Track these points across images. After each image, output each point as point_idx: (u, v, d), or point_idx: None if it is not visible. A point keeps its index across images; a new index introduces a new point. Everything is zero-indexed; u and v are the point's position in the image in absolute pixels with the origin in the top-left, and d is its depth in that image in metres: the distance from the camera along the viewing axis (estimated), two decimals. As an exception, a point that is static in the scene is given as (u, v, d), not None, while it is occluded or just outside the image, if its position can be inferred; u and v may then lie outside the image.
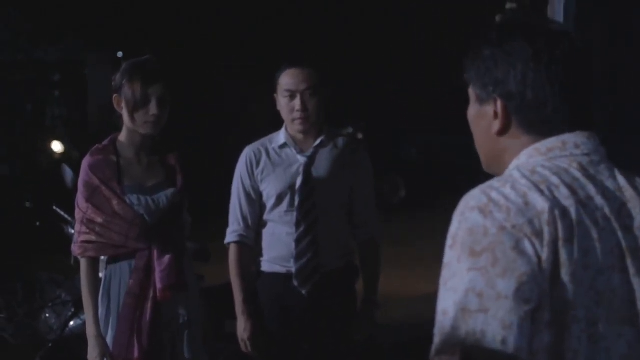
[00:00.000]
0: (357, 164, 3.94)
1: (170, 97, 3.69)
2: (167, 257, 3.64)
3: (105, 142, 3.74)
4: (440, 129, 14.04)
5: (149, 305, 3.63)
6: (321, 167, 3.86)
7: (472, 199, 1.63)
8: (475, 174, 1.81)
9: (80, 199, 3.68)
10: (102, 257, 3.77)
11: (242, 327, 3.84)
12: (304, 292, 3.80)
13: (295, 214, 3.80)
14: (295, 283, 3.80)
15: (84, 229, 3.66)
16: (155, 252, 3.64)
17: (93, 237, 3.64)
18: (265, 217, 3.87)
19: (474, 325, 1.52)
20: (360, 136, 12.59)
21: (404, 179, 13.67)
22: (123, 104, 3.65)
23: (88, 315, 3.65)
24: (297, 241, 3.80)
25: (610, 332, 1.61)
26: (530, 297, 1.53)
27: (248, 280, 3.89)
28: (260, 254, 3.91)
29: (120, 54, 13.50)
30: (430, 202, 12.97)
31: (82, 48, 14.30)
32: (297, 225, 3.80)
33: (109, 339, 3.66)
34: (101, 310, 3.68)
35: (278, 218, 3.84)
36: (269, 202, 3.84)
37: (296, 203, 3.80)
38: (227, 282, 3.99)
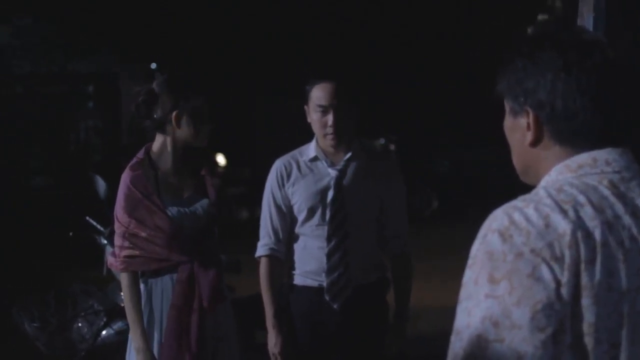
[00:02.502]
0: (388, 176, 3.91)
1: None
2: (212, 269, 3.66)
3: (140, 155, 3.74)
4: (472, 143, 14.01)
5: (195, 317, 3.65)
6: (352, 181, 3.84)
7: (495, 220, 1.62)
8: (506, 187, 1.80)
9: (120, 213, 3.67)
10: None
11: (272, 341, 3.84)
12: (335, 306, 3.79)
13: (326, 227, 3.79)
14: (327, 297, 3.78)
15: (126, 243, 3.66)
16: (197, 265, 3.66)
17: (137, 252, 3.65)
18: (297, 230, 3.86)
19: (491, 355, 1.52)
20: (392, 147, 12.57)
21: (436, 191, 13.64)
22: (185, 119, 3.67)
23: (135, 330, 3.63)
24: (329, 255, 3.78)
25: (635, 354, 1.59)
26: (546, 325, 1.52)
27: (279, 293, 3.89)
28: (293, 267, 3.90)
29: (153, 66, 13.60)
30: (462, 215, 12.92)
31: (115, 60, 14.40)
32: (329, 239, 3.78)
33: (155, 352, 3.67)
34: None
35: (309, 232, 3.83)
36: (300, 216, 3.83)
37: (327, 217, 3.79)
38: (257, 293, 4.00)
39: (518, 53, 1.75)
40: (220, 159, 13.99)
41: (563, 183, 1.67)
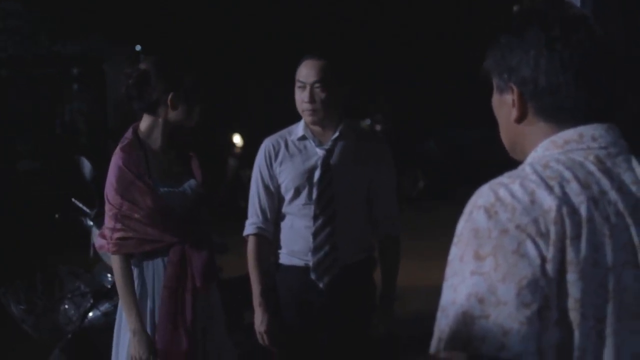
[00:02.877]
0: (377, 157, 3.91)
1: None
2: (204, 250, 3.67)
3: (128, 136, 3.72)
4: (459, 123, 14.02)
5: (189, 297, 3.65)
6: (340, 160, 3.84)
7: (480, 196, 1.62)
8: (492, 167, 1.81)
9: (112, 195, 3.65)
10: None
11: (259, 320, 3.85)
12: (321, 285, 3.80)
13: (313, 207, 3.80)
14: (313, 276, 3.79)
15: (119, 225, 3.64)
16: (188, 245, 3.66)
17: (130, 234, 3.64)
18: (284, 209, 3.87)
19: (477, 331, 1.53)
20: (378, 128, 12.56)
21: (422, 172, 13.66)
22: (181, 99, 3.66)
23: (129, 312, 3.62)
24: (315, 234, 3.79)
25: (621, 329, 1.59)
26: (532, 301, 1.52)
27: (266, 272, 3.90)
28: (280, 247, 3.91)
29: (138, 48, 13.55)
30: (449, 195, 12.96)
31: (100, 43, 14.34)
32: (315, 218, 3.79)
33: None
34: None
35: (296, 211, 3.83)
36: (287, 195, 3.84)
37: (314, 196, 3.79)
38: (245, 274, 4.00)
39: (504, 30, 1.76)
40: (237, 140, 13.85)
41: (549, 159, 1.67)
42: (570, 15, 1.73)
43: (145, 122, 3.71)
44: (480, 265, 1.56)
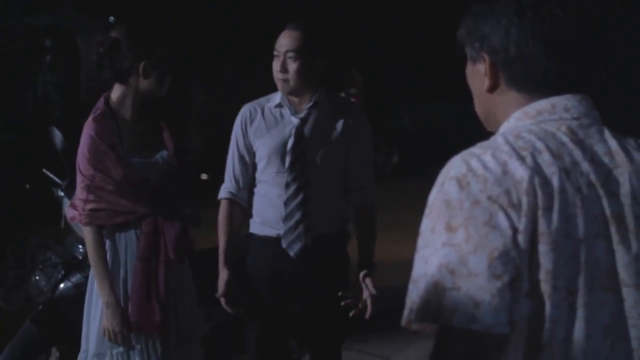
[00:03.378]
0: (353, 127, 3.89)
1: None
2: (176, 222, 3.65)
3: (101, 106, 3.67)
4: (434, 98, 14.02)
5: (162, 269, 3.63)
6: (314, 129, 3.83)
7: (452, 167, 1.62)
8: (467, 142, 1.80)
9: (84, 167, 3.61)
10: None
11: (221, 281, 3.85)
12: (292, 254, 3.79)
13: (285, 175, 3.79)
14: (284, 244, 3.79)
15: (91, 197, 3.60)
16: (160, 217, 3.63)
17: (102, 205, 3.60)
18: (258, 177, 3.86)
19: (448, 302, 1.53)
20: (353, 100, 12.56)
21: (397, 146, 13.66)
22: (153, 69, 3.62)
23: (102, 284, 3.61)
24: (286, 203, 3.79)
25: (592, 301, 1.60)
26: (503, 272, 1.53)
27: (235, 237, 3.89)
28: (252, 215, 3.91)
29: (111, 19, 13.43)
30: (423, 170, 12.95)
31: (72, 14, 14.19)
32: (287, 186, 3.78)
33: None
34: None
35: (270, 179, 3.82)
36: (261, 162, 3.83)
37: (287, 164, 3.78)
38: (216, 247, 3.99)
39: (479, 0, 1.75)
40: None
41: (521, 130, 1.67)
42: None
43: (116, 92, 3.67)
44: (452, 236, 1.56)
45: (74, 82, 14.03)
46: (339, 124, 3.86)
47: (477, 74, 1.77)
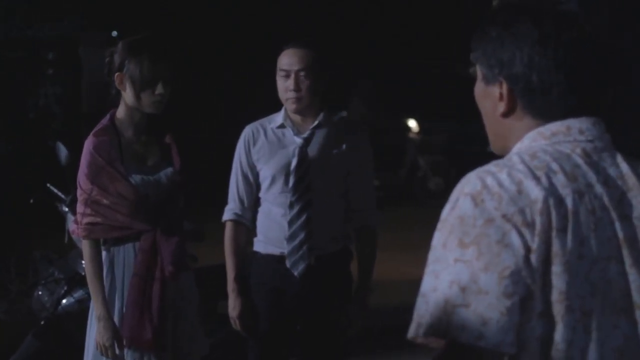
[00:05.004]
0: (355, 146, 3.91)
1: (174, 77, 3.65)
2: (174, 238, 3.64)
3: (105, 122, 3.69)
4: (442, 116, 14.00)
5: (157, 285, 3.63)
6: (317, 149, 3.84)
7: (468, 184, 1.62)
8: (475, 161, 1.80)
9: (83, 180, 3.63)
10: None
11: (232, 305, 3.86)
12: (296, 274, 3.79)
13: (289, 195, 3.79)
14: (288, 264, 3.79)
15: (88, 210, 3.61)
16: (159, 233, 3.63)
17: (98, 219, 3.61)
18: (262, 196, 3.87)
19: (457, 319, 1.53)
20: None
21: (403, 164, 13.62)
22: (127, 83, 3.60)
23: (96, 298, 3.61)
24: (290, 222, 3.79)
25: (605, 324, 1.60)
26: (513, 292, 1.53)
27: (242, 259, 3.89)
28: (256, 234, 3.91)
29: (114, 34, 13.44)
30: (429, 189, 12.97)
31: (76, 27, 14.21)
32: (291, 206, 3.79)
33: (116, 321, 3.65)
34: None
35: (273, 199, 3.83)
36: (265, 183, 3.84)
37: (290, 184, 3.79)
38: (220, 263, 3.99)
39: (494, 23, 1.75)
40: (413, 124, 13.66)
41: (537, 149, 1.68)
42: (561, 12, 1.73)
43: (121, 108, 3.69)
44: (464, 252, 1.56)
45: (75, 95, 14.04)
46: (342, 145, 3.88)
47: (490, 97, 1.77)
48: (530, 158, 1.65)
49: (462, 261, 1.56)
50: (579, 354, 1.58)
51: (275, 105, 3.96)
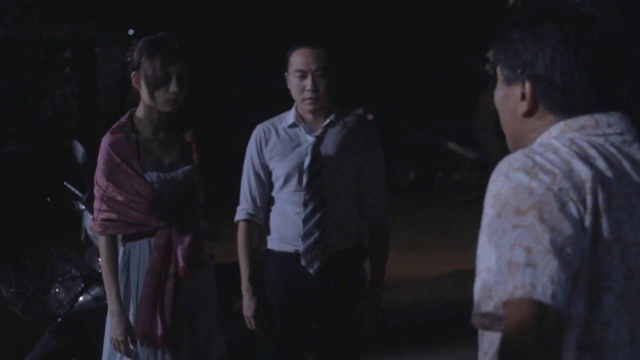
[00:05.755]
0: (367, 145, 3.93)
1: (189, 75, 3.68)
2: (188, 235, 3.66)
3: (123, 119, 3.74)
4: (452, 115, 13.99)
5: (170, 283, 3.66)
6: (330, 147, 3.86)
7: (516, 160, 1.63)
8: (484, 160, 1.81)
9: (99, 177, 3.68)
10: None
11: (246, 305, 3.88)
12: (311, 271, 3.81)
13: (303, 193, 3.81)
14: (303, 262, 3.81)
15: (104, 206, 3.66)
16: (174, 230, 3.66)
17: (114, 215, 3.66)
18: (275, 195, 3.89)
19: (522, 278, 1.52)
20: (370, 117, 12.55)
21: (415, 163, 13.64)
22: (142, 82, 3.64)
23: (110, 293, 3.66)
24: (305, 221, 3.81)
25: (637, 308, 1.63)
26: (573, 260, 1.54)
27: (255, 258, 3.91)
28: (270, 232, 3.93)
29: (131, 32, 13.48)
30: (440, 187, 12.95)
31: (92, 27, 14.26)
32: (305, 205, 3.81)
33: (130, 317, 3.69)
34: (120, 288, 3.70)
35: (287, 197, 3.85)
36: (278, 182, 3.86)
37: (304, 183, 3.81)
38: (235, 261, 4.01)
39: (516, 24, 1.77)
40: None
41: (572, 137, 1.69)
42: (582, 14, 1.75)
43: (140, 107, 3.74)
44: (523, 218, 1.56)
45: (92, 94, 14.09)
46: (353, 142, 3.89)
47: (512, 97, 1.79)
48: (569, 143, 1.67)
49: (522, 226, 1.55)
50: (612, 336, 1.60)
51: (285, 104, 3.98)
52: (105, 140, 3.68)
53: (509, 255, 1.54)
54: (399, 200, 10.97)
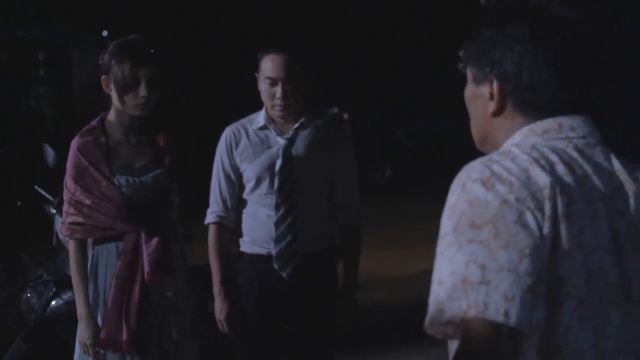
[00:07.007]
0: (338, 145, 3.90)
1: (160, 79, 3.65)
2: (154, 240, 3.63)
3: (93, 123, 3.71)
4: (429, 113, 14.04)
5: (137, 288, 3.63)
6: (301, 149, 3.83)
7: (474, 171, 1.63)
8: (462, 158, 1.80)
9: (68, 180, 3.66)
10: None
11: (218, 308, 3.86)
12: (284, 275, 3.80)
13: (274, 196, 3.79)
14: (276, 266, 3.79)
15: (71, 210, 3.64)
16: (142, 235, 3.63)
17: (81, 219, 3.63)
18: (246, 197, 3.86)
19: (476, 297, 1.52)
20: (346, 116, 12.54)
21: (393, 162, 13.66)
22: (112, 85, 3.61)
23: (78, 297, 3.64)
24: (277, 224, 3.79)
25: (600, 312, 1.62)
26: (532, 271, 1.54)
27: (227, 261, 3.89)
28: (241, 235, 3.90)
29: (105, 33, 13.43)
30: (418, 186, 12.99)
31: (66, 28, 14.20)
32: (277, 207, 3.79)
33: (99, 320, 3.66)
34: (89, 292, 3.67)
35: (258, 200, 3.83)
36: (249, 184, 3.83)
37: (276, 185, 3.79)
38: (208, 263, 3.99)
39: (487, 23, 1.77)
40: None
41: (533, 143, 1.69)
42: (555, 14, 1.75)
43: (111, 111, 3.72)
44: (478, 233, 1.56)
45: (67, 95, 14.01)
46: (325, 144, 3.87)
47: (480, 97, 1.79)
48: (529, 149, 1.66)
49: (476, 241, 1.55)
50: (574, 341, 1.60)
51: (256, 104, 3.95)
52: (74, 144, 3.66)
53: (463, 272, 1.54)
54: (377, 200, 10.97)
